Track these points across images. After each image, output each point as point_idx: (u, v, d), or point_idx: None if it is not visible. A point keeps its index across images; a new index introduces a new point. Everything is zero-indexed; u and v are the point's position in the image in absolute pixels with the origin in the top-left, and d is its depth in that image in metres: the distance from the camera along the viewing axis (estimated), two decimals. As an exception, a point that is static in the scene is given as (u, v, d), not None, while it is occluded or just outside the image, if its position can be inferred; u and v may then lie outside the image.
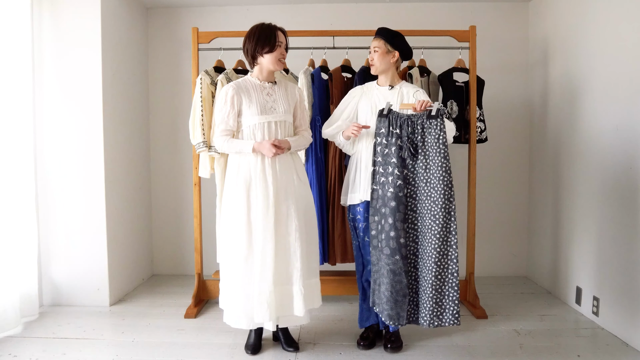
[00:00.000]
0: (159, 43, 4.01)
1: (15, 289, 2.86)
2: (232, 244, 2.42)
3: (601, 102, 2.92)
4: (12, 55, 2.91)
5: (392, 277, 2.27)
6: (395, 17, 3.86)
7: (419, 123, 2.33)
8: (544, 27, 3.65)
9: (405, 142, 2.32)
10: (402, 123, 2.34)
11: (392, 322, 2.30)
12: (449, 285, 2.28)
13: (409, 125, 2.33)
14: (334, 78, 3.14)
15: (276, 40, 2.36)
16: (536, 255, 3.82)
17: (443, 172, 2.25)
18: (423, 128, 2.32)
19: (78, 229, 3.29)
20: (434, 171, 2.28)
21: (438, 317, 2.28)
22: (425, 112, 2.33)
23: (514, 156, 3.96)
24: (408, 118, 2.34)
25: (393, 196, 2.28)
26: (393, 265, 2.27)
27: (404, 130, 2.33)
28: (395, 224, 2.27)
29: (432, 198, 2.28)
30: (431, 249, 2.27)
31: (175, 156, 4.06)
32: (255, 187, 2.39)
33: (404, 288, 2.28)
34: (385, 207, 2.30)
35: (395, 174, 2.29)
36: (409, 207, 2.33)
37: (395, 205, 2.28)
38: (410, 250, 2.34)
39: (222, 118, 2.42)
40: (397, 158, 2.31)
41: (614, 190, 2.79)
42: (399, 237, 2.27)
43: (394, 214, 2.28)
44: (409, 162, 2.33)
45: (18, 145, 2.96)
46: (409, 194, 2.33)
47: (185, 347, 2.66)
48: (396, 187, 2.28)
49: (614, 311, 2.78)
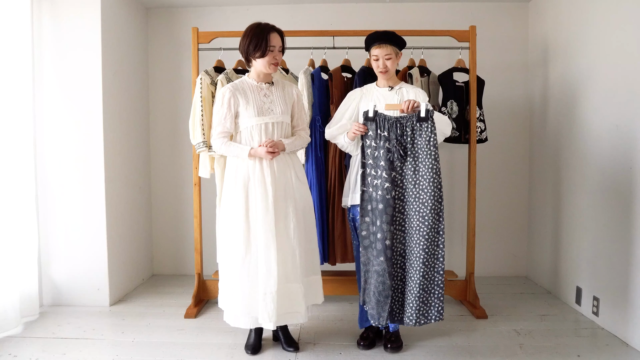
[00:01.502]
0: (159, 43, 4.02)
1: (15, 289, 2.86)
2: (230, 244, 2.43)
3: (601, 102, 2.92)
4: (12, 56, 2.91)
5: (375, 278, 2.32)
6: (395, 17, 3.86)
7: (408, 125, 2.32)
8: (544, 27, 3.65)
9: (395, 144, 2.31)
10: (389, 126, 2.33)
11: (372, 321, 2.37)
12: (435, 284, 2.31)
13: (397, 128, 2.33)
14: (334, 78, 3.14)
15: (268, 45, 2.34)
16: (536, 255, 3.82)
17: (433, 174, 2.26)
18: (413, 130, 2.32)
19: (78, 229, 3.29)
20: (423, 173, 2.29)
21: (424, 315, 2.33)
22: (415, 115, 2.32)
23: (514, 156, 3.96)
24: (397, 120, 2.33)
25: (381, 199, 2.29)
26: (378, 266, 2.30)
27: (392, 133, 2.32)
28: (381, 226, 2.29)
29: (420, 200, 2.29)
30: (419, 250, 2.28)
31: (175, 156, 4.06)
32: (254, 187, 2.39)
33: (387, 289, 2.30)
34: (374, 209, 2.32)
35: (383, 176, 2.30)
36: (397, 209, 2.34)
37: (382, 208, 2.29)
38: (396, 252, 2.35)
39: (219, 120, 2.43)
40: (386, 161, 2.31)
41: (614, 190, 2.79)
42: (384, 238, 2.28)
43: (381, 216, 2.29)
44: (397, 165, 2.33)
45: (18, 146, 2.96)
46: (397, 197, 2.34)
47: (185, 347, 2.66)
48: (384, 190, 2.30)
49: (614, 311, 2.77)
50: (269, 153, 2.34)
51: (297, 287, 2.41)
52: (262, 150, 2.35)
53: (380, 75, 2.53)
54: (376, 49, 2.48)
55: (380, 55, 2.47)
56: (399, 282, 2.37)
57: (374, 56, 2.50)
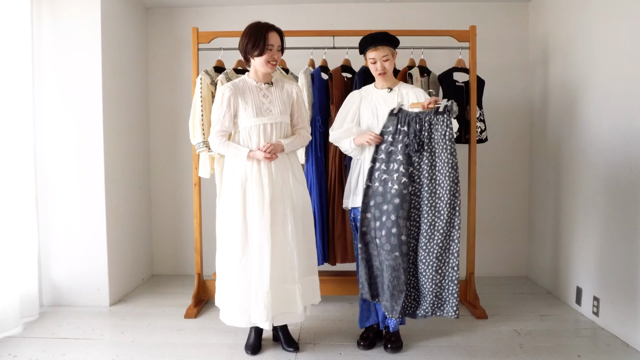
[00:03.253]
0: (159, 43, 4.01)
1: (15, 289, 2.86)
2: (227, 244, 2.44)
3: (601, 102, 2.92)
4: (12, 56, 2.91)
5: (390, 272, 2.31)
6: (395, 17, 3.86)
7: (426, 120, 2.33)
8: (544, 27, 3.65)
9: (412, 138, 2.32)
10: (410, 120, 2.35)
11: (386, 312, 2.36)
12: (448, 279, 2.31)
13: (416, 123, 2.34)
14: (334, 78, 3.14)
15: (266, 44, 2.34)
16: (536, 255, 3.82)
17: (449, 168, 2.26)
18: (430, 124, 2.33)
19: (78, 229, 3.29)
20: (439, 167, 2.29)
21: (439, 307, 2.33)
22: (433, 109, 2.33)
23: (514, 156, 3.96)
24: (416, 115, 2.35)
25: (397, 193, 2.28)
26: (393, 261, 2.29)
27: (412, 127, 2.34)
28: (397, 221, 2.28)
29: (436, 194, 2.29)
30: (433, 244, 2.29)
31: (175, 156, 4.06)
32: (251, 187, 2.40)
33: (401, 284, 2.31)
34: (388, 204, 2.30)
35: (400, 171, 2.30)
36: (412, 205, 2.34)
37: (399, 203, 2.28)
38: (411, 248, 2.35)
39: (218, 119, 2.43)
40: (404, 155, 2.32)
41: (615, 190, 2.79)
42: (400, 234, 2.28)
43: (397, 210, 2.28)
44: (414, 160, 2.33)
45: (18, 146, 2.96)
46: (413, 192, 2.34)
47: (185, 347, 2.66)
48: (401, 185, 2.29)
49: (614, 311, 2.77)
50: (266, 158, 2.35)
51: (293, 288, 2.42)
52: (260, 155, 2.36)
53: (379, 77, 2.53)
54: (372, 51, 2.47)
55: (377, 57, 2.47)
56: (411, 278, 2.37)
57: (371, 59, 2.49)
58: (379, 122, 2.49)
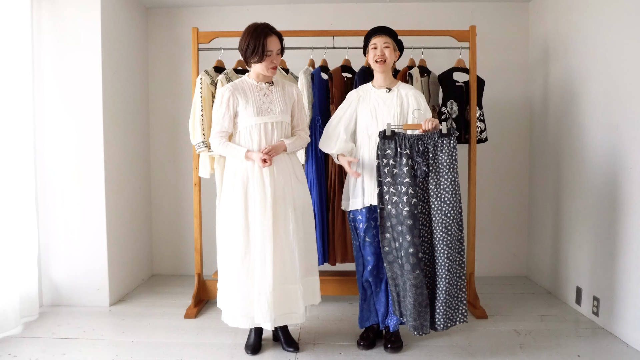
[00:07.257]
0: (159, 43, 4.01)
1: (15, 289, 2.86)
2: (229, 244, 2.44)
3: (601, 102, 2.92)
4: (12, 56, 2.91)
5: (414, 291, 2.34)
6: (395, 17, 3.86)
7: (430, 143, 2.39)
8: (544, 27, 3.65)
9: (420, 161, 2.36)
10: (412, 143, 2.38)
11: (416, 332, 2.40)
12: (458, 289, 2.42)
13: (419, 145, 2.38)
14: (334, 78, 3.14)
15: (265, 50, 2.33)
16: (536, 255, 3.82)
17: (455, 186, 2.36)
18: (435, 147, 2.38)
19: (78, 229, 3.29)
20: (445, 186, 2.36)
21: (450, 319, 2.43)
22: (436, 132, 2.37)
23: (514, 156, 3.96)
24: (418, 138, 2.39)
25: (409, 214, 2.33)
26: (415, 279, 2.33)
27: (415, 150, 2.37)
28: (413, 241, 2.33)
29: (443, 211, 2.37)
30: (444, 259, 2.37)
31: (175, 156, 4.06)
32: (253, 187, 2.39)
33: (426, 299, 2.38)
34: (402, 226, 2.35)
35: (409, 192, 2.34)
36: (422, 223, 2.41)
37: (412, 223, 2.33)
38: (426, 263, 2.43)
39: (218, 119, 2.43)
40: (410, 177, 2.35)
41: (614, 190, 2.79)
42: (417, 252, 2.33)
43: (411, 231, 2.33)
44: (420, 180, 2.39)
45: (18, 146, 2.96)
46: (422, 211, 2.41)
47: (185, 347, 2.66)
48: (412, 206, 2.34)
49: (614, 311, 2.77)
50: (262, 162, 2.32)
51: (295, 288, 2.42)
52: (257, 158, 2.34)
53: (378, 66, 2.49)
54: (375, 38, 2.49)
55: (378, 43, 2.47)
56: (429, 291, 2.44)
57: (372, 44, 2.50)
58: (378, 122, 2.49)
